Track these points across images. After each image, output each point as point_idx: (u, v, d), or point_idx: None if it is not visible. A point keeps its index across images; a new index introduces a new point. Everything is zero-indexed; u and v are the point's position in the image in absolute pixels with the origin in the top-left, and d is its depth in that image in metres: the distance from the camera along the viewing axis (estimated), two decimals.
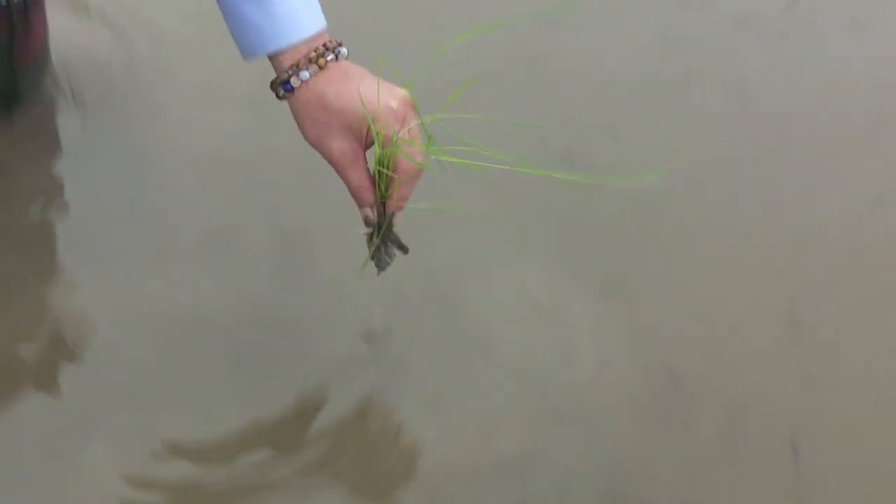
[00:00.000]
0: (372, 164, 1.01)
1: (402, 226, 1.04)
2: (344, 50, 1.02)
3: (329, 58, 1.00)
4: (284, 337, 1.14)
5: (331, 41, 1.01)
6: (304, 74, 1.00)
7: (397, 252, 1.06)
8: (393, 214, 1.03)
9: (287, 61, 1.00)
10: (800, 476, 1.06)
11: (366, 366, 1.13)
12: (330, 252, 1.24)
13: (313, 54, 1.00)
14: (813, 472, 1.07)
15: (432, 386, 1.12)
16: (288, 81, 1.00)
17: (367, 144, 1.01)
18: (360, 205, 1.02)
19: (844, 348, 1.20)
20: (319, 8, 1.02)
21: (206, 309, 1.17)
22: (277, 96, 1.02)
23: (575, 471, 1.05)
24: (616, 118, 1.49)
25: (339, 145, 1.00)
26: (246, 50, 1.03)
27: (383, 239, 1.04)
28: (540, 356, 1.16)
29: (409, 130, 0.99)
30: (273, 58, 1.02)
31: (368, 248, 1.06)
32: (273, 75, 1.02)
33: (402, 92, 1.00)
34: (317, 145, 1.01)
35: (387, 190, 1.01)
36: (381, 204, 1.02)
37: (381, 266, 1.06)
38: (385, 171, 0.99)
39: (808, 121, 1.51)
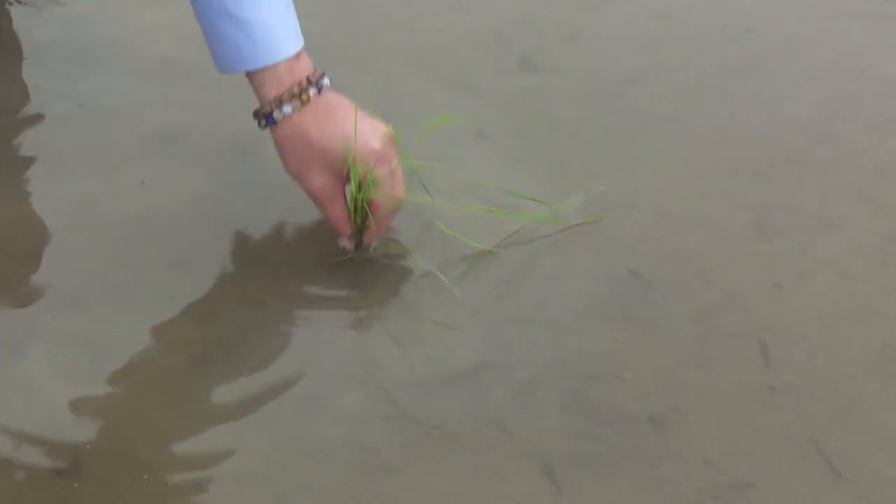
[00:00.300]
0: (349, 198, 1.03)
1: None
2: (326, 81, 1.01)
3: (311, 92, 0.99)
4: (234, 244, 1.13)
5: (313, 73, 1.00)
6: (287, 109, 0.99)
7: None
8: (370, 243, 1.07)
9: (270, 92, 0.99)
10: (771, 382, 1.03)
11: (316, 273, 1.10)
12: None
13: (296, 89, 0.99)
14: (784, 378, 1.04)
15: (384, 295, 1.09)
16: (270, 114, 0.99)
17: (347, 178, 1.02)
18: (338, 235, 1.06)
19: (815, 250, 1.18)
20: (298, 28, 1.00)
21: (154, 214, 1.15)
22: (259, 126, 1.02)
23: (536, 377, 1.02)
24: (574, 19, 1.49)
25: (321, 180, 1.02)
26: (223, 65, 1.02)
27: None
28: (500, 259, 1.13)
29: (389, 169, 1.01)
30: (253, 80, 1.00)
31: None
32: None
33: (384, 129, 1.01)
34: (298, 178, 1.03)
35: (363, 222, 1.04)
36: (359, 233, 1.05)
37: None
38: (364, 205, 1.02)
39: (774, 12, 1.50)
